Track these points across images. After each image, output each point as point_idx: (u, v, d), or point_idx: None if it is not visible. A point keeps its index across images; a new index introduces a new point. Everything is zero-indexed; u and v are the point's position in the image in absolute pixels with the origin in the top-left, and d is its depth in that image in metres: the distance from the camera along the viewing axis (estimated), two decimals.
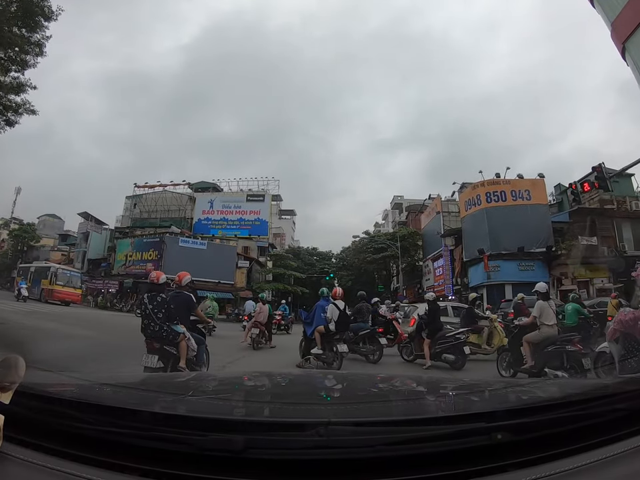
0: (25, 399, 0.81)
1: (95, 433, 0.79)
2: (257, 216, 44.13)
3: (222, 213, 45.73)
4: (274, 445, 0.77)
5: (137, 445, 0.78)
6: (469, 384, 1.79)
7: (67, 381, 1.42)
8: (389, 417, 0.99)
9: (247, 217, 44.52)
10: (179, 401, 1.18)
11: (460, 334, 7.71)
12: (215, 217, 45.53)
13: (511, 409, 0.95)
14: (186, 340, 4.57)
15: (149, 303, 4.47)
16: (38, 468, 0.73)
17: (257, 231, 43.27)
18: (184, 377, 2.32)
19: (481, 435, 0.78)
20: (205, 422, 0.84)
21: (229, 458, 0.74)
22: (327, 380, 1.77)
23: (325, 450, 0.75)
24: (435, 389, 1.59)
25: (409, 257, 31.84)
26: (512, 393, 1.39)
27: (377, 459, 0.75)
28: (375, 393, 1.53)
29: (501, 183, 24.57)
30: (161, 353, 4.37)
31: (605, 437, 0.82)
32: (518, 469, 0.75)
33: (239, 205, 45.29)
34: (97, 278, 41.57)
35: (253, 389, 1.58)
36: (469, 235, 24.74)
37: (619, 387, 1.11)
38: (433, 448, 0.77)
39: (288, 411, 1.09)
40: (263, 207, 44.33)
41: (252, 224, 44.02)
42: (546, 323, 5.63)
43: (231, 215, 45.20)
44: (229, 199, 46.00)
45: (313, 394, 1.45)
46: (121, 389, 1.29)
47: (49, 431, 0.81)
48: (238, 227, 44.32)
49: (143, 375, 2.94)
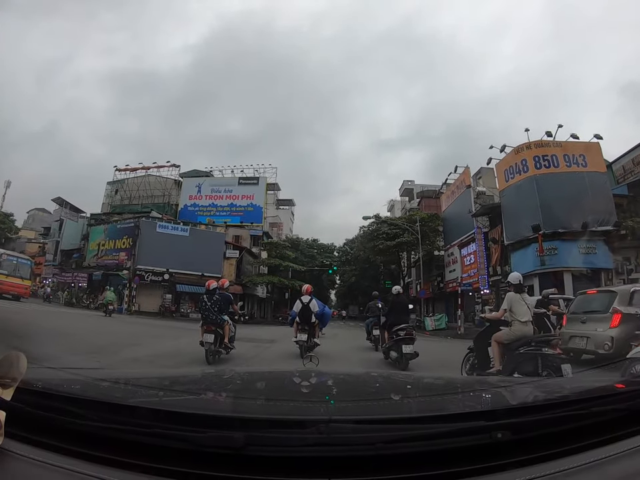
0: (27, 395, 0.81)
1: (96, 429, 0.80)
2: (250, 201, 38.92)
3: (211, 198, 40.56)
4: (274, 442, 0.77)
5: (137, 441, 0.78)
6: (469, 382, 1.95)
7: (68, 377, 1.33)
8: (390, 415, 0.97)
9: (238, 203, 39.30)
10: (179, 397, 1.20)
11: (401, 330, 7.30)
12: (203, 203, 40.39)
13: (511, 407, 0.96)
14: (228, 325, 7.03)
15: (207, 300, 6.92)
16: (39, 464, 0.73)
17: (250, 217, 38.01)
18: (185, 374, 2.13)
19: (481, 434, 0.78)
20: (206, 419, 0.84)
21: (229, 455, 0.74)
22: (327, 378, 1.75)
23: (326, 447, 0.76)
24: (435, 387, 1.61)
25: (428, 243, 26.57)
26: (512, 391, 1.37)
27: (377, 457, 0.75)
28: (375, 391, 1.55)
29: (551, 145, 19.35)
30: (214, 333, 6.66)
31: (604, 437, 0.81)
32: (517, 467, 0.75)
33: (230, 189, 40.10)
34: (67, 270, 36.58)
35: (254, 386, 1.57)
36: (512, 211, 19.48)
37: (619, 386, 1.09)
38: (432, 446, 0.77)
39: (289, 408, 1.08)
40: (257, 191, 39.11)
41: (244, 210, 38.80)
42: (518, 319, 4.89)
43: (221, 201, 40.01)
44: (218, 183, 40.82)
45: (314, 392, 1.46)
46: (122, 386, 1.26)
47: (50, 427, 0.82)
48: (229, 213, 39.11)
49: (144, 372, 2.78)
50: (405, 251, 28.94)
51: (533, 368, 4.47)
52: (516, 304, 4.96)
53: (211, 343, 6.49)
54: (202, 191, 41.31)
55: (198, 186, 41.52)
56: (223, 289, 7.62)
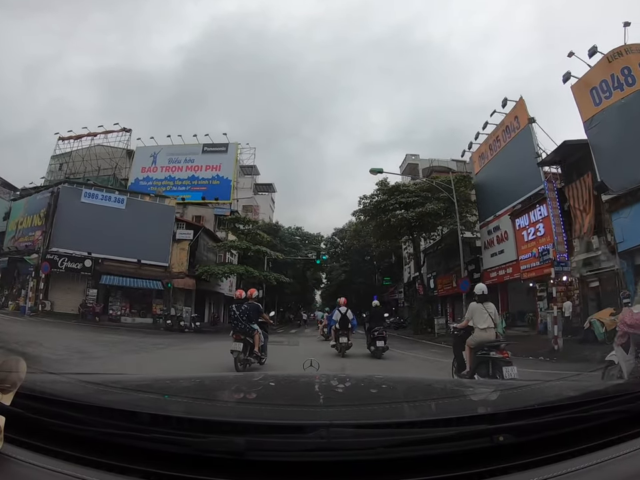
0: (26, 400, 0.80)
1: (96, 434, 0.79)
2: (217, 173, 30.79)
3: (168, 170, 32.27)
4: (275, 446, 0.77)
5: (137, 446, 0.77)
6: (471, 385, 1.90)
7: (67, 382, 1.29)
8: (390, 419, 0.94)
9: (201, 175, 31.13)
10: (179, 402, 1.18)
11: (375, 331, 9.77)
12: (158, 176, 32.06)
13: (513, 410, 0.93)
14: (258, 334, 7.04)
15: (236, 310, 7.13)
16: (39, 469, 0.73)
17: (215, 193, 29.78)
18: (185, 379, 1.92)
19: (483, 437, 0.78)
20: (206, 424, 0.83)
21: (229, 460, 0.74)
22: (328, 382, 1.69)
23: (326, 452, 0.75)
24: (436, 391, 1.58)
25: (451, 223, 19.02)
26: (514, 394, 1.34)
27: (378, 461, 0.75)
28: (376, 395, 1.51)
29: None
30: (244, 342, 6.80)
31: (607, 439, 0.80)
32: (520, 470, 0.74)
33: (192, 158, 31.89)
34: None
35: (254, 391, 1.51)
36: (612, 145, 12.09)
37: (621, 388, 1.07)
38: (434, 450, 0.77)
39: (289, 412, 1.06)
40: (226, 161, 31.01)
41: (209, 184, 30.64)
42: (478, 327, 5.28)
43: (180, 173, 31.77)
44: (178, 151, 32.49)
45: (314, 396, 1.44)
46: (122, 391, 1.23)
47: (49, 432, 0.81)
48: (189, 187, 30.90)
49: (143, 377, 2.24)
50: (417, 232, 21.15)
51: (486, 369, 5.01)
52: (477, 313, 5.33)
53: (239, 351, 6.66)
54: (157, 161, 32.99)
55: (153, 155, 33.19)
56: (252, 298, 7.65)
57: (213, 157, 31.34)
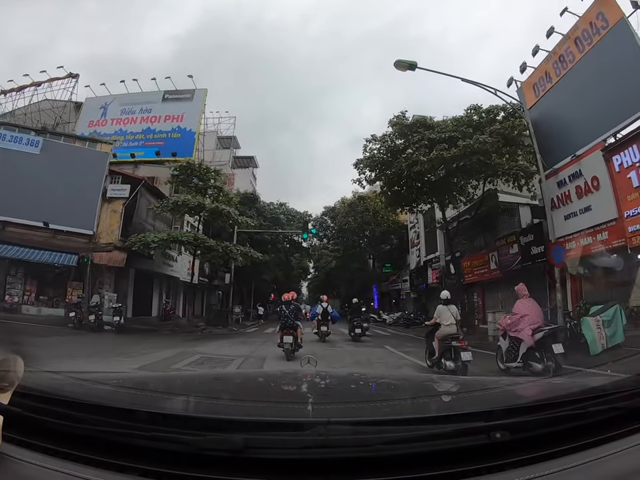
0: (24, 399, 0.79)
1: (95, 433, 0.79)
2: (178, 124, 24.38)
3: (119, 123, 25.71)
4: (273, 444, 0.77)
5: (136, 444, 0.77)
6: (467, 383, 1.82)
7: (65, 381, 1.26)
8: (388, 417, 0.96)
9: (158, 127, 24.68)
10: (177, 400, 1.19)
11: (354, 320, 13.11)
12: (107, 130, 25.45)
13: (509, 407, 0.94)
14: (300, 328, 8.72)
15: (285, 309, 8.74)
16: (37, 468, 0.72)
17: (174, 147, 23.36)
18: (183, 377, 2.21)
19: (479, 434, 0.78)
20: (204, 421, 0.84)
21: (228, 457, 0.73)
22: (326, 380, 1.72)
23: (324, 449, 0.76)
24: (433, 388, 1.58)
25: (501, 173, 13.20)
26: (510, 391, 1.37)
27: (376, 458, 0.75)
28: (373, 392, 1.53)
29: None
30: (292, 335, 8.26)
31: (602, 436, 0.81)
32: (516, 467, 0.75)
33: (149, 107, 25.41)
34: None
35: (252, 389, 1.53)
36: None
37: (615, 386, 1.06)
38: (431, 447, 0.77)
39: (287, 410, 1.07)
40: (190, 111, 24.56)
41: (167, 137, 24.18)
42: (443, 323, 6.59)
43: (133, 125, 25.27)
44: (133, 100, 25.93)
45: (312, 393, 1.45)
46: (120, 389, 1.23)
47: (48, 431, 0.80)
48: (142, 142, 24.43)
49: (141, 375, 2.68)
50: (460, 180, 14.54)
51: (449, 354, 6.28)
52: (442, 313, 6.69)
53: (290, 343, 8.16)
54: (108, 113, 26.43)
55: (104, 106, 26.61)
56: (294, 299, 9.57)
57: (174, 105, 24.94)
